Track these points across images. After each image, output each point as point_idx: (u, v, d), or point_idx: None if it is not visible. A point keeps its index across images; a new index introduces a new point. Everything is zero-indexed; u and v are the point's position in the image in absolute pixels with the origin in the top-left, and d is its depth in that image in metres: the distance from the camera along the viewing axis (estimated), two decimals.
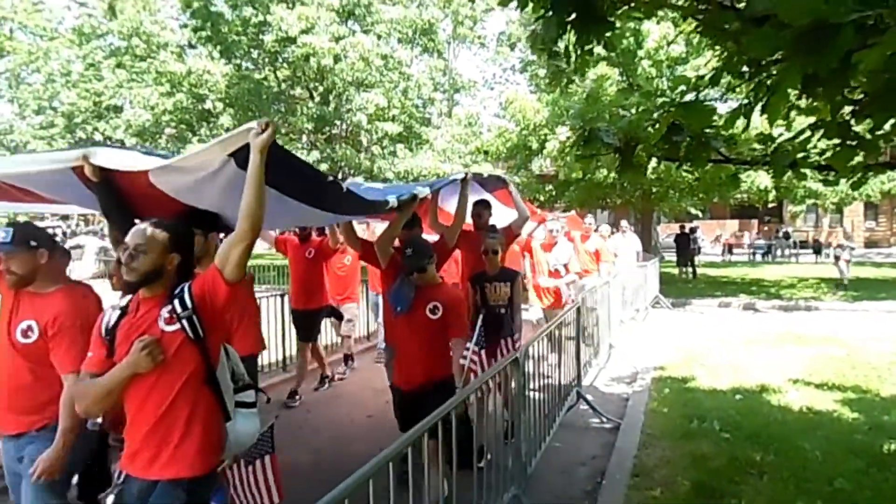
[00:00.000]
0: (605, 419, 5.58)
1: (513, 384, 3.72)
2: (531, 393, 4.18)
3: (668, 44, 12.64)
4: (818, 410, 5.57)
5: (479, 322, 3.51)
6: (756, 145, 4.27)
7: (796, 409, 5.66)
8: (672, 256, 20.10)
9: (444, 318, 3.52)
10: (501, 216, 5.58)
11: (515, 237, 5.36)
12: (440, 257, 4.15)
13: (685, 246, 18.80)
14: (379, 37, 18.08)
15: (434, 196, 4.55)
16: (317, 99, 18.74)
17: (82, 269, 21.87)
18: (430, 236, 5.17)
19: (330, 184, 2.85)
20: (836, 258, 15.97)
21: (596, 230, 9.84)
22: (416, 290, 3.57)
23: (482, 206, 5.16)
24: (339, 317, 7.28)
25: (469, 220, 5.05)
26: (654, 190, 14.97)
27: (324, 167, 17.60)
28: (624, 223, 12.31)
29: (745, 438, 4.85)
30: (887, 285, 15.87)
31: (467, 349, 3.47)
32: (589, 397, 5.90)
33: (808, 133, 3.08)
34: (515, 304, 4.65)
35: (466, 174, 4.46)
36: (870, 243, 32.99)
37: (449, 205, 5.16)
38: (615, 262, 10.35)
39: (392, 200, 3.50)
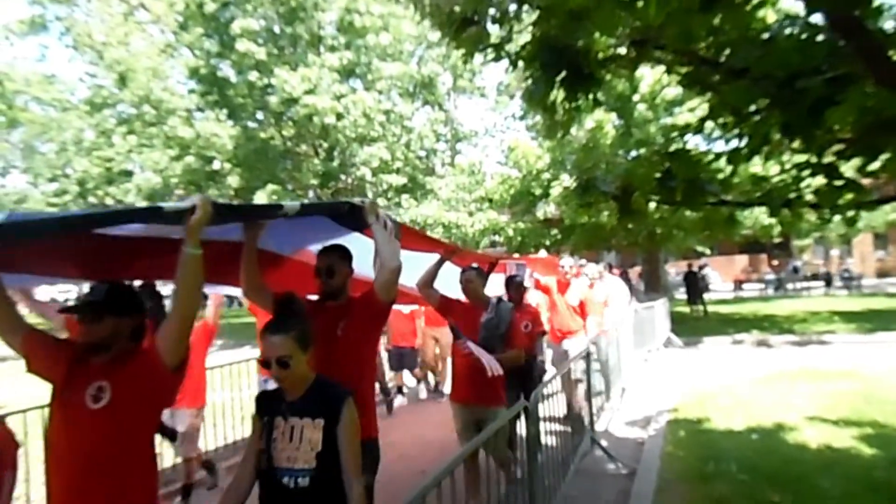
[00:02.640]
0: (620, 465, 5.52)
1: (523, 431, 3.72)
2: (545, 440, 4.18)
3: (663, 88, 12.93)
4: (836, 448, 5.50)
5: None
6: (750, 186, 4.37)
7: (813, 447, 5.59)
8: (683, 295, 20.07)
9: None
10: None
11: (382, 307, 2.95)
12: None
13: (694, 284, 18.79)
14: (380, 92, 18.56)
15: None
16: (322, 155, 19.14)
17: None
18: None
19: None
20: None
21: (574, 273, 7.46)
22: None
23: (333, 257, 2.99)
24: (172, 436, 4.69)
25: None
26: (658, 230, 15.05)
27: None
28: (597, 267, 8.82)
29: (763, 479, 4.79)
30: None
31: None
32: (603, 443, 5.86)
33: (797, 173, 3.18)
34: (348, 467, 2.21)
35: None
36: (881, 273, 32.74)
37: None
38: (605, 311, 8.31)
39: None
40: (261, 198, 16.89)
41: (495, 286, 5.41)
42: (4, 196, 24.54)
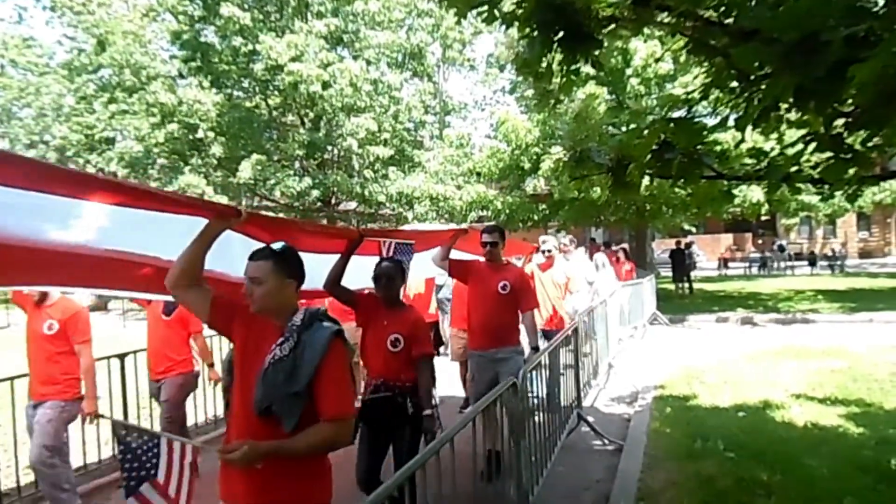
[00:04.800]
0: (607, 441, 5.48)
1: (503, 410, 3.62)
2: (532, 416, 4.09)
3: (656, 61, 12.73)
4: (823, 426, 5.49)
5: None
6: (748, 160, 4.24)
7: (800, 425, 5.57)
8: (667, 272, 20.11)
9: None
10: None
11: None
12: None
13: (681, 261, 18.80)
14: (368, 62, 18.17)
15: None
16: (308, 125, 18.77)
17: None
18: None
19: None
20: None
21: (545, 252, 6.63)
22: None
23: None
24: None
25: None
26: (647, 207, 14.97)
27: (315, 193, 17.60)
28: (553, 241, 7.04)
29: (750, 457, 4.76)
30: (884, 295, 15.86)
31: None
32: (590, 419, 5.81)
33: (800, 146, 3.05)
34: None
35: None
36: (864, 254, 33.10)
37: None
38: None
39: None
40: (245, 168, 16.57)
41: (357, 276, 3.71)
42: None
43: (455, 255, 4.83)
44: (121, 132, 20.77)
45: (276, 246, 2.28)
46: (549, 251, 6.71)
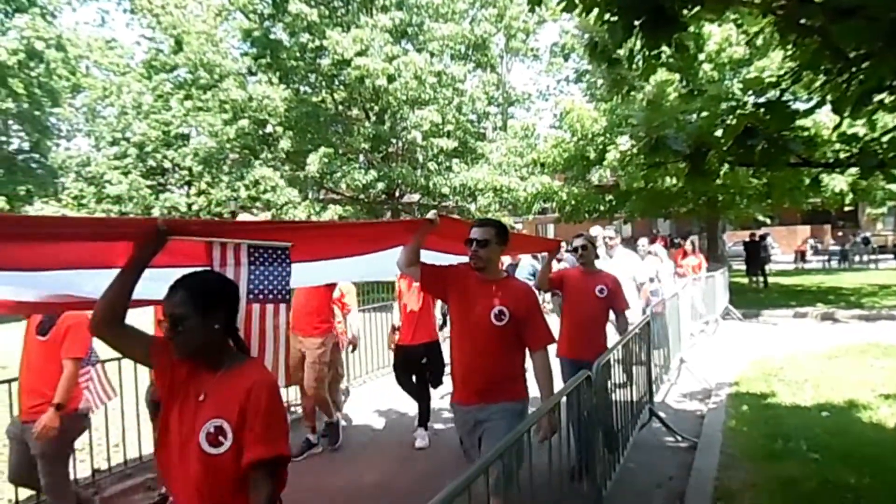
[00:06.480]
0: (680, 438, 5.33)
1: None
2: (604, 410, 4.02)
3: (730, 45, 12.23)
4: None
5: None
6: (839, 146, 4.02)
7: (891, 426, 5.26)
8: (739, 265, 19.37)
9: None
10: None
11: None
12: None
13: (755, 254, 18.03)
14: (432, 54, 18.26)
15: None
16: (373, 119, 19.05)
17: None
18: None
19: None
20: None
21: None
22: None
23: None
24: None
25: None
26: (720, 197, 14.42)
27: (380, 186, 17.85)
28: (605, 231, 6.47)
29: (836, 459, 4.52)
30: None
31: None
32: (662, 415, 5.67)
33: None
34: None
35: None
36: None
37: None
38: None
39: None
40: (313, 161, 16.95)
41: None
42: (70, 159, 25.34)
43: (431, 257, 3.42)
44: (195, 128, 21.65)
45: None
46: (584, 247, 4.68)
